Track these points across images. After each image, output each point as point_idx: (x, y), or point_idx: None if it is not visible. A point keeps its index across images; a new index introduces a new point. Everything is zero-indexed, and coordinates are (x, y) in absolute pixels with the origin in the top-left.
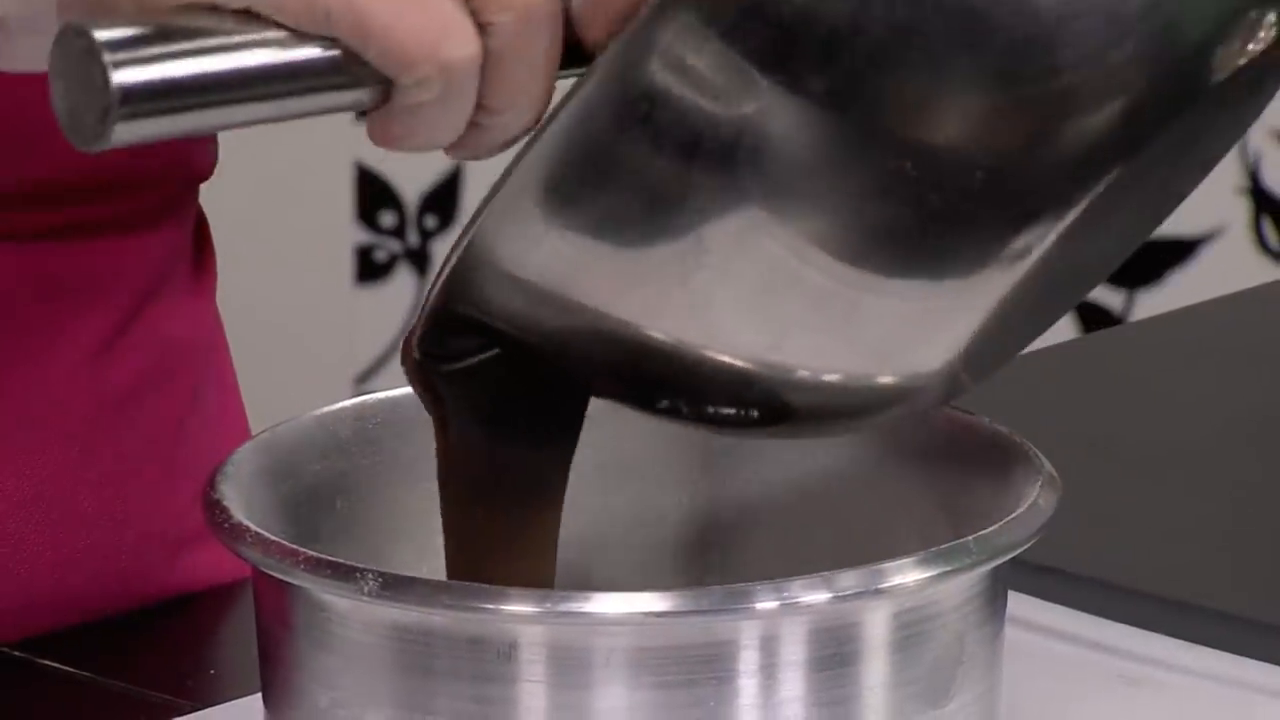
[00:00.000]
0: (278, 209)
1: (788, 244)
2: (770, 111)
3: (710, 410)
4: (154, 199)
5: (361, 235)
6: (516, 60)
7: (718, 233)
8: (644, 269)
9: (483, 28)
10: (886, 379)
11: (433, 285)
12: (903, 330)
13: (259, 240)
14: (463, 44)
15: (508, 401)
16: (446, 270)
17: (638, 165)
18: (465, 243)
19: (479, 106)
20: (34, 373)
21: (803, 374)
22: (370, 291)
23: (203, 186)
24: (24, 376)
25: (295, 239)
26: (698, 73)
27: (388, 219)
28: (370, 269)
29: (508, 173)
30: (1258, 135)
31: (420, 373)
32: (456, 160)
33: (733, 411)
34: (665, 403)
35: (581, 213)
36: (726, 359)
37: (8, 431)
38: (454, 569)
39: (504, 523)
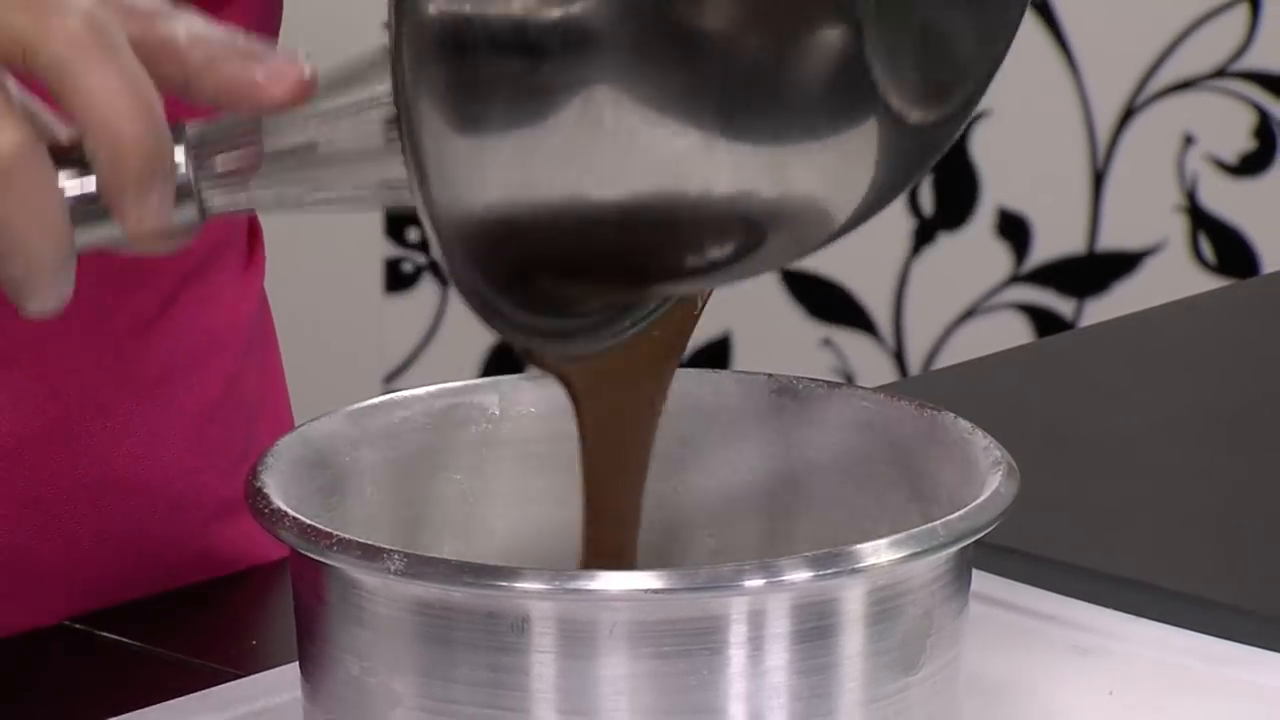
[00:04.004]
0: (315, 225)
1: (663, 96)
2: None
3: (698, 257)
4: None
5: (390, 249)
6: None
7: (599, 101)
8: (572, 148)
9: None
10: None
11: (462, 290)
12: (818, 114)
13: (299, 253)
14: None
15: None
16: (452, 264)
17: (495, 83)
18: (433, 226)
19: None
20: (72, 353)
21: (759, 171)
22: (398, 299)
23: None
24: (63, 356)
25: (331, 252)
26: None
27: (414, 234)
28: (398, 279)
29: (414, 150)
30: (1195, 159)
31: (543, 365)
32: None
33: (716, 250)
34: (674, 265)
35: (490, 132)
36: (684, 193)
37: (47, 407)
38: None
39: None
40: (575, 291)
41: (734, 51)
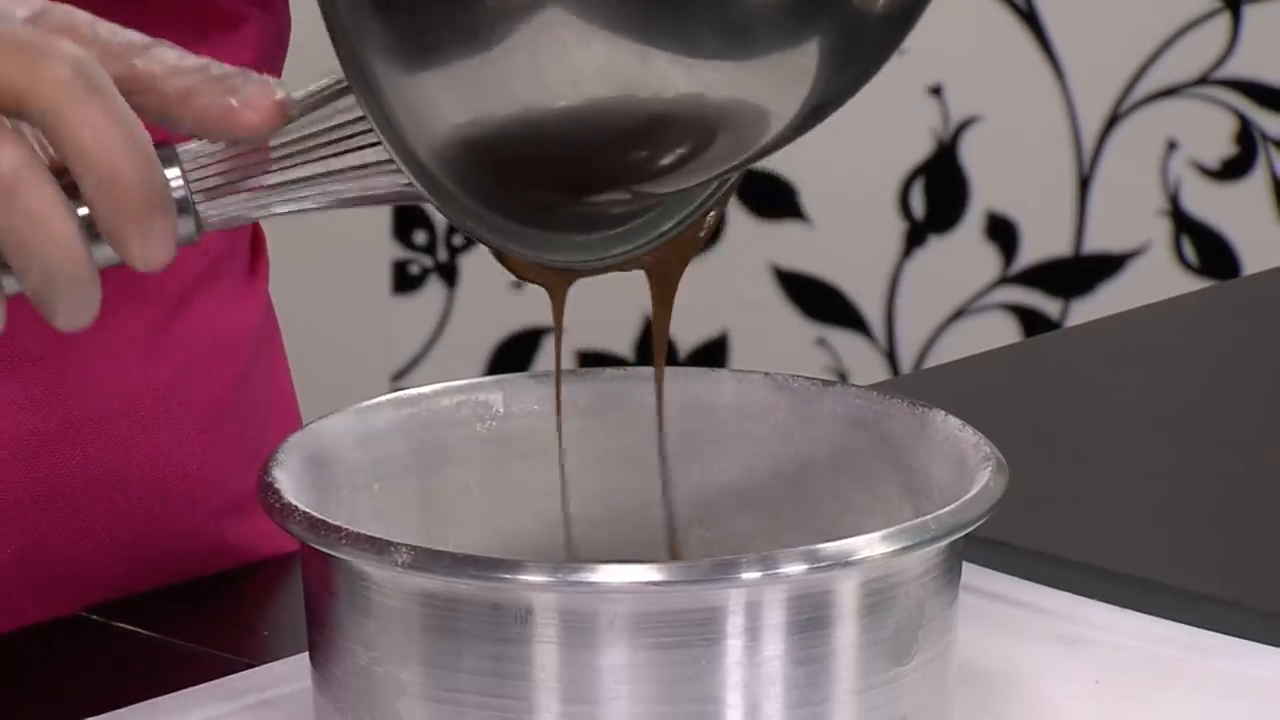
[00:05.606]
0: (325, 228)
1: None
2: None
3: (667, 157)
4: None
5: (397, 251)
6: None
7: (537, 21)
8: (523, 63)
9: None
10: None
11: (446, 211)
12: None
13: (309, 256)
14: None
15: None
16: (426, 188)
17: (435, 17)
18: (400, 156)
19: None
20: (92, 355)
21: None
22: (405, 300)
23: None
24: (81, 358)
25: (340, 254)
26: None
27: (420, 237)
28: (405, 281)
29: (368, 94)
30: (1178, 164)
31: (516, 267)
32: None
33: (681, 146)
34: (638, 169)
35: (439, 64)
36: (635, 94)
37: (65, 408)
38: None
39: None
40: (549, 197)
41: None
